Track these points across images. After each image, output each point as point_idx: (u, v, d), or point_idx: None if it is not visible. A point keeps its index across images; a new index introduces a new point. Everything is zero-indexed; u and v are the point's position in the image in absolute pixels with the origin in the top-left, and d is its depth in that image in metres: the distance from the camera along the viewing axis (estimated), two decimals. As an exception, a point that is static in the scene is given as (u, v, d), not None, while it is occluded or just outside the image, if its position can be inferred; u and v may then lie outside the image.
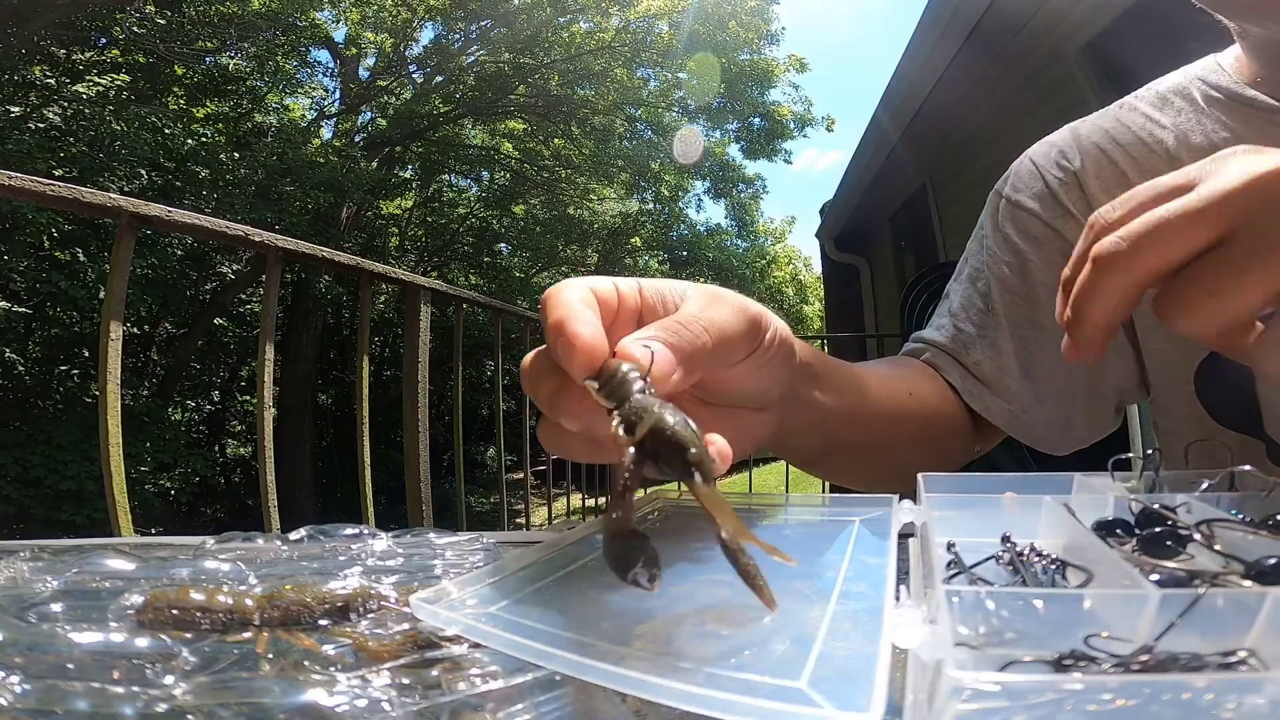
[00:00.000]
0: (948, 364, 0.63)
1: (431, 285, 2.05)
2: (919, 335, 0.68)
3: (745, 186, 12.99)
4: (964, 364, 0.63)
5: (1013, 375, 0.61)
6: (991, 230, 0.66)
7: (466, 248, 11.55)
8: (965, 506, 0.34)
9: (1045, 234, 0.62)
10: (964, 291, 0.66)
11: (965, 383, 0.62)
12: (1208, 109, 0.57)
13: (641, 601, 0.27)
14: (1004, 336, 0.62)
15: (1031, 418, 0.61)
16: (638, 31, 10.25)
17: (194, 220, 1.38)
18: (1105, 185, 0.60)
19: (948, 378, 0.63)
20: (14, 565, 0.33)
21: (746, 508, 0.44)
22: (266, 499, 1.46)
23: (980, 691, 0.16)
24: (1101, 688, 0.16)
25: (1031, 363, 0.61)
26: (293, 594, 0.29)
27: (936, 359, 0.64)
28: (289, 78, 9.41)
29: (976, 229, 0.69)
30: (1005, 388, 0.61)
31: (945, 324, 0.66)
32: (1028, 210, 0.63)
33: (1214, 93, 0.57)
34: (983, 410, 0.61)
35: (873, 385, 0.55)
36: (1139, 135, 0.60)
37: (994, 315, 0.63)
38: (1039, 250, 0.62)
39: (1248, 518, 0.28)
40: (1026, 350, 0.61)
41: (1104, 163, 0.60)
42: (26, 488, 5.88)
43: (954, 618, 0.20)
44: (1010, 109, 3.50)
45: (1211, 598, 0.20)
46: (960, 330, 0.64)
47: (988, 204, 0.68)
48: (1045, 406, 0.61)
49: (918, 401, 0.60)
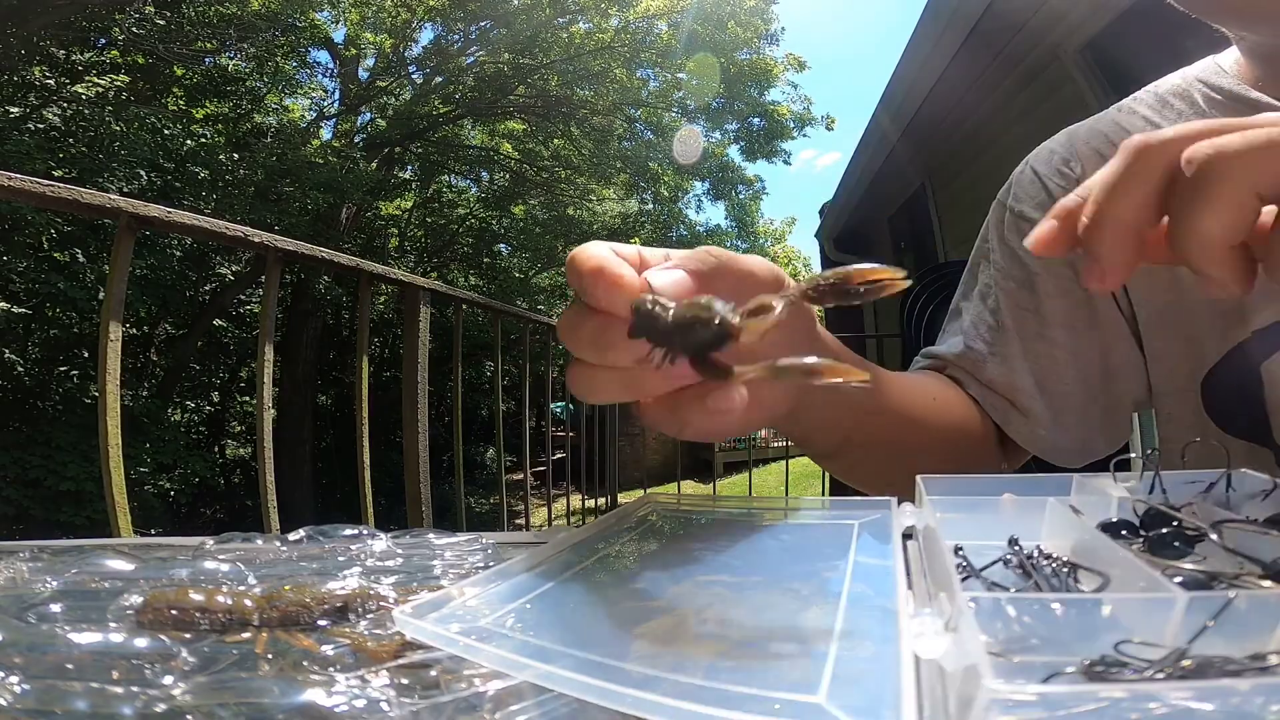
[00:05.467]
0: (965, 376, 0.63)
1: (431, 286, 2.05)
2: (930, 351, 0.67)
3: (745, 187, 12.98)
4: (980, 381, 0.62)
5: (1028, 393, 0.60)
6: (997, 243, 0.64)
7: (466, 248, 11.55)
8: (966, 509, 0.34)
9: None
10: (975, 308, 0.65)
11: (988, 397, 0.61)
12: (1208, 110, 0.56)
13: (641, 602, 0.27)
14: (1016, 353, 0.60)
15: (1052, 434, 0.60)
16: (637, 32, 10.25)
17: (193, 221, 1.38)
18: None
19: (969, 391, 0.62)
20: (13, 565, 0.33)
21: (746, 510, 0.44)
22: (266, 499, 1.46)
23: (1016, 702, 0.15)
24: (1147, 696, 0.15)
25: (1046, 379, 0.60)
26: (292, 594, 0.29)
27: (955, 372, 0.63)
28: (288, 78, 9.41)
29: (980, 240, 0.67)
30: (1022, 405, 0.60)
31: (956, 342, 0.64)
32: (1031, 221, 0.61)
33: (1215, 94, 0.57)
34: (1002, 423, 0.60)
35: (896, 384, 0.54)
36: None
37: (1004, 331, 0.61)
38: (1045, 262, 0.60)
39: (1248, 517, 0.28)
40: (1040, 367, 0.60)
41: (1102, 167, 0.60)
42: (26, 488, 5.87)
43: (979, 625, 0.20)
44: (1010, 109, 3.51)
45: (1236, 599, 0.19)
46: (970, 348, 0.63)
47: (991, 215, 0.67)
48: (1064, 422, 0.60)
49: (942, 407, 0.59)
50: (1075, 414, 0.60)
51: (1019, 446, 0.62)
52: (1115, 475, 0.36)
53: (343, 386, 10.90)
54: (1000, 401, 0.60)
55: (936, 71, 3.44)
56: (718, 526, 0.39)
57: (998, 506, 0.34)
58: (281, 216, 7.97)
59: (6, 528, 5.62)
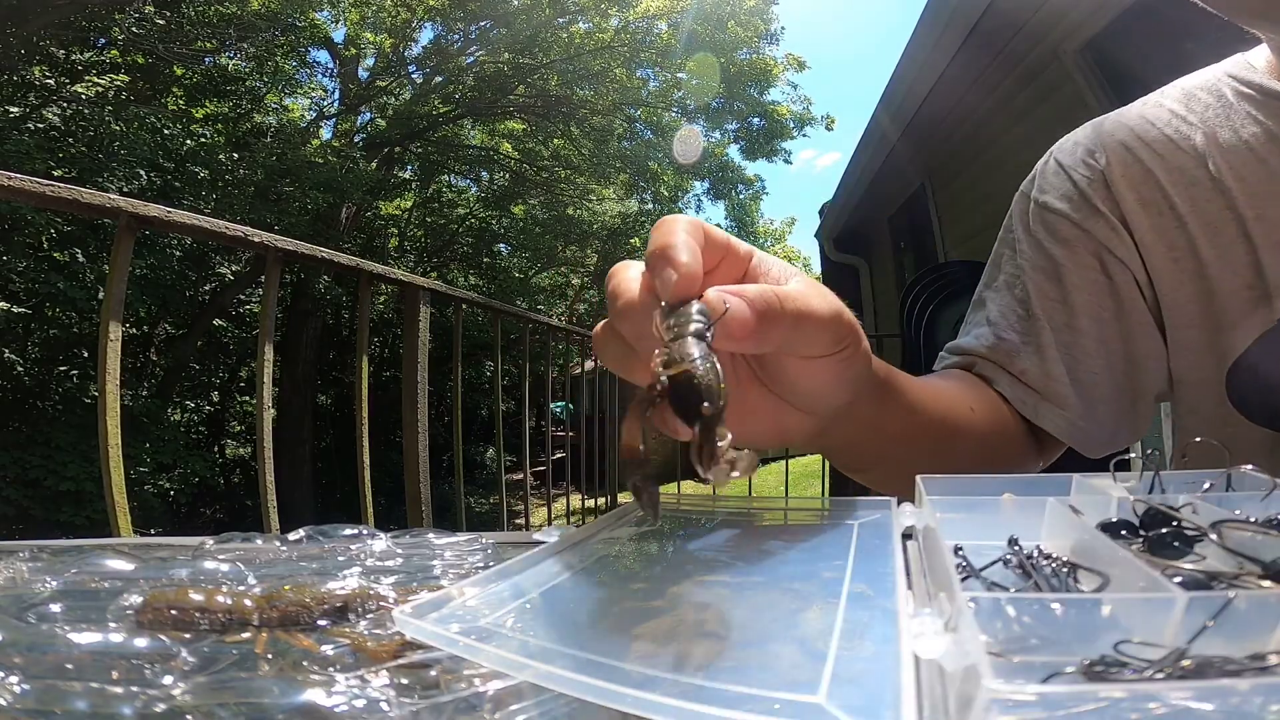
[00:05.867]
0: (996, 373, 0.61)
1: (431, 286, 2.05)
2: (956, 346, 0.66)
3: (745, 187, 13.00)
4: (1011, 373, 0.61)
5: (1063, 382, 0.59)
6: (1023, 234, 0.64)
7: (466, 248, 11.55)
8: (966, 509, 0.34)
9: (1076, 235, 0.60)
10: (1001, 299, 0.64)
11: (1016, 391, 0.60)
12: (1237, 104, 0.56)
13: (641, 602, 0.27)
14: (1049, 343, 0.60)
15: (1087, 424, 0.60)
16: (637, 32, 10.25)
17: (193, 221, 1.38)
18: (1132, 184, 0.59)
19: (999, 389, 0.61)
20: (13, 565, 0.33)
21: (745, 510, 0.44)
22: (266, 499, 1.45)
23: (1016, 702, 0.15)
24: (1146, 696, 0.15)
25: (1077, 369, 0.60)
26: (291, 594, 0.29)
27: (985, 369, 0.62)
28: (288, 78, 9.41)
29: (1003, 232, 0.67)
30: (1057, 395, 0.59)
31: (985, 333, 0.63)
32: (1056, 212, 0.62)
33: (1245, 88, 0.56)
34: (1037, 420, 0.59)
35: (937, 402, 0.53)
36: (1165, 133, 0.59)
37: (1035, 321, 0.61)
38: (1071, 253, 0.60)
39: (1249, 517, 0.28)
40: (1071, 357, 0.60)
41: (1129, 160, 0.59)
42: (25, 488, 5.87)
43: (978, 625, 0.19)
44: (1010, 109, 3.51)
45: (1235, 599, 0.19)
46: (1002, 339, 0.62)
47: (1015, 206, 0.66)
48: (1096, 412, 0.60)
49: (979, 418, 0.58)
50: (1105, 404, 0.60)
51: (1052, 442, 0.61)
52: (1115, 475, 0.36)
53: (343, 386, 10.91)
54: (1031, 395, 0.60)
55: (936, 71, 3.45)
56: (717, 526, 0.39)
57: (997, 506, 0.34)
58: (281, 216, 7.97)
59: (6, 528, 5.62)
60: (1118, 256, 0.60)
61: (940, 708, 0.19)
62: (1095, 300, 0.60)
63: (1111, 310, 0.60)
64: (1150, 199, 0.59)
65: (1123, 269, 0.60)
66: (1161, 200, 0.58)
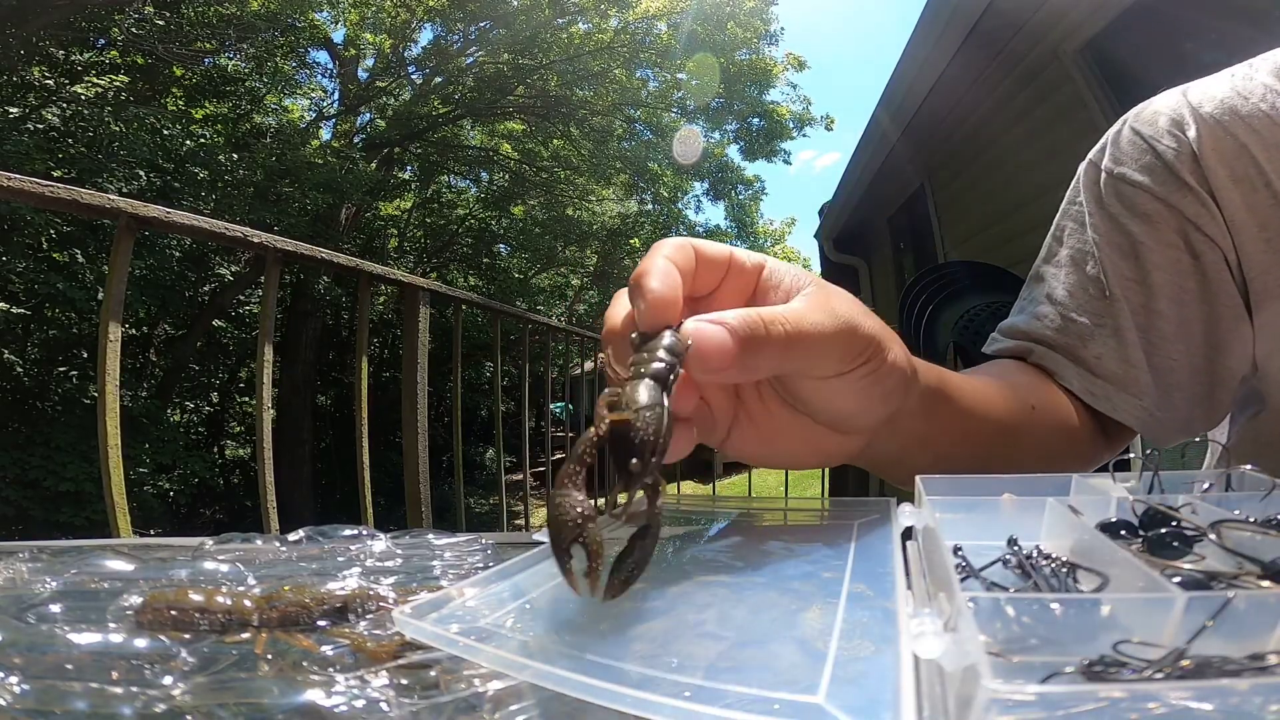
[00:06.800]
0: (1060, 364, 0.57)
1: (430, 286, 2.05)
2: (1012, 327, 0.61)
3: (744, 188, 13.01)
4: (1082, 360, 0.57)
5: (1141, 368, 0.55)
6: (1095, 208, 0.59)
7: (465, 249, 11.56)
8: (965, 509, 0.34)
9: (1158, 210, 0.56)
10: (1070, 277, 0.59)
11: (1085, 383, 0.56)
12: None
13: (641, 602, 0.27)
14: (1127, 325, 0.56)
15: (1163, 413, 0.56)
16: (636, 32, 10.26)
17: (193, 221, 1.38)
18: (1224, 159, 0.54)
19: (1063, 382, 0.57)
20: (13, 566, 0.33)
21: (745, 510, 0.44)
22: (265, 500, 1.45)
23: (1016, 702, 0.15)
24: (1146, 695, 0.15)
25: (1155, 354, 0.56)
26: (291, 595, 0.29)
27: (1046, 359, 0.58)
28: (288, 79, 9.41)
29: (1066, 204, 0.62)
30: (1134, 381, 0.55)
31: (1049, 313, 0.59)
32: (1135, 184, 0.57)
33: None
34: (1110, 411, 0.56)
35: (994, 405, 0.50)
36: (1260, 106, 0.54)
37: (1113, 301, 0.56)
38: (1151, 229, 0.56)
39: (1248, 517, 0.28)
40: (1148, 341, 0.56)
41: (1221, 134, 0.55)
42: (25, 489, 5.87)
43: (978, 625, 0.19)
44: (1009, 109, 3.51)
45: (1234, 599, 0.19)
46: (1073, 320, 0.57)
47: (1081, 177, 0.61)
48: (1172, 399, 0.56)
49: (1041, 415, 0.54)
50: (1181, 390, 0.56)
51: (1121, 432, 0.58)
52: (1115, 475, 0.36)
53: (342, 387, 10.90)
54: (1103, 385, 0.56)
55: (936, 71, 3.45)
56: (717, 527, 0.39)
57: (997, 507, 0.34)
58: (281, 217, 7.97)
59: (6, 528, 5.62)
60: (1206, 234, 0.55)
61: (940, 708, 0.19)
62: (1177, 280, 0.56)
63: (1195, 292, 0.56)
64: (1244, 174, 0.54)
65: (1211, 247, 0.55)
66: (1256, 176, 0.54)
